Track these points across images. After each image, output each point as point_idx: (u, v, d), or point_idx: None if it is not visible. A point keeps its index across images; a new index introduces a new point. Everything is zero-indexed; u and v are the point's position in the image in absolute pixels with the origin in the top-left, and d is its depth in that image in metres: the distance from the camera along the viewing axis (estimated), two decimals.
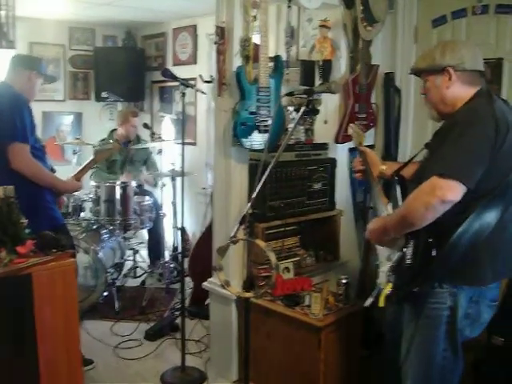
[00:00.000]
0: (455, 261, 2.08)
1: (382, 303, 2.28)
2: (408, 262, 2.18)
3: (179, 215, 3.62)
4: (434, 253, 2.07)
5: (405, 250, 2.20)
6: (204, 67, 5.65)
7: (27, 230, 2.29)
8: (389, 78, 3.95)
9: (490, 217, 2.09)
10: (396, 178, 2.45)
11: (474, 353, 2.77)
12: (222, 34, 3.15)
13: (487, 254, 2.15)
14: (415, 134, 4.00)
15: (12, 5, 2.41)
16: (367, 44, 3.76)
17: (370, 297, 2.37)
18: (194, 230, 5.86)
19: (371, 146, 4.13)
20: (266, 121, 3.15)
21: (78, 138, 5.32)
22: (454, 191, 1.97)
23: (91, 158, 3.70)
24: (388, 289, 2.26)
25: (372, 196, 2.62)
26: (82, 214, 4.94)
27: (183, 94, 3.32)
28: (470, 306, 2.20)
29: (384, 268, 2.32)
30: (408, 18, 3.93)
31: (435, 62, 2.21)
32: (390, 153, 4.04)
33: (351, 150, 3.96)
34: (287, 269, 3.40)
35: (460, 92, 2.20)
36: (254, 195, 2.54)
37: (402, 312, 2.38)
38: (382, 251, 2.38)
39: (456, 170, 1.99)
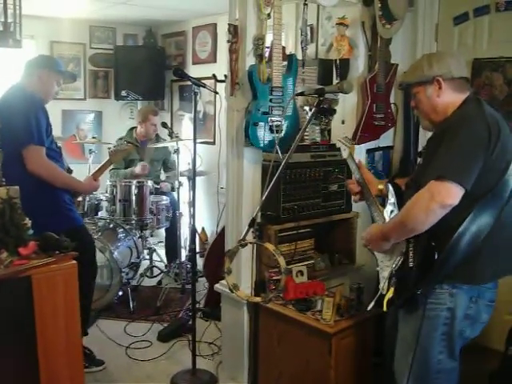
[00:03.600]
0: (457, 260, 2.10)
1: (385, 308, 2.29)
2: (410, 265, 2.20)
3: (194, 216, 3.56)
4: (436, 255, 2.09)
5: (406, 253, 2.22)
6: (223, 66, 5.49)
7: (30, 231, 2.26)
8: None
9: (488, 217, 2.11)
10: (390, 186, 2.46)
11: (490, 364, 2.70)
12: (235, 32, 3.09)
13: (487, 253, 2.16)
14: None
15: (19, 4, 2.38)
16: (386, 42, 3.67)
17: (372, 301, 2.38)
18: (212, 230, 5.83)
19: (390, 147, 4.06)
20: (279, 121, 3.08)
21: (94, 137, 5.33)
22: (452, 195, 2.02)
23: (106, 159, 3.69)
24: (390, 293, 2.27)
25: (369, 205, 2.58)
26: (99, 214, 4.95)
27: (195, 94, 3.26)
28: (470, 306, 2.21)
29: (385, 273, 2.33)
30: (429, 16, 3.83)
31: (424, 73, 2.28)
32: (408, 154, 3.95)
33: (369, 151, 3.88)
34: (301, 272, 3.32)
35: (450, 99, 2.26)
36: (263, 197, 2.49)
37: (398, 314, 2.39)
38: (381, 257, 2.38)
39: (453, 171, 2.03)
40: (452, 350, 2.23)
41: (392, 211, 2.40)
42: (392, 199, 2.41)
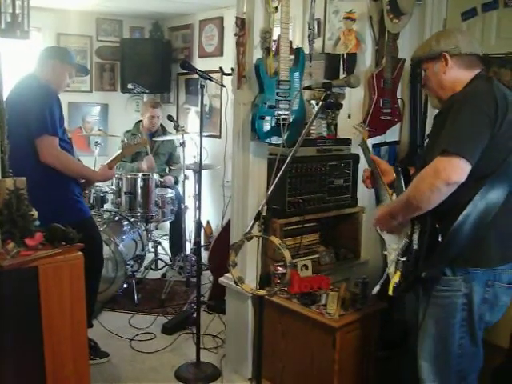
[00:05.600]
0: (462, 243, 2.07)
1: (390, 291, 2.28)
2: (415, 247, 2.18)
3: (199, 208, 3.56)
4: (440, 238, 2.07)
5: (411, 235, 2.20)
6: (230, 59, 5.53)
7: (37, 223, 2.26)
8: (415, 72, 3.83)
9: (496, 196, 2.07)
10: (399, 169, 2.45)
11: (494, 360, 2.69)
12: (242, 25, 3.08)
13: (494, 234, 2.13)
14: None
15: None
16: (394, 37, 3.66)
17: (378, 284, 2.39)
18: (217, 224, 5.83)
19: (396, 142, 4.05)
20: (285, 115, 3.07)
21: (100, 130, 5.34)
22: (458, 171, 1.97)
23: (119, 151, 3.68)
24: (397, 277, 2.25)
25: (378, 188, 2.61)
26: (105, 206, 4.97)
27: (202, 87, 3.26)
28: (487, 290, 2.17)
29: (392, 257, 2.32)
30: (437, 11, 3.80)
31: (431, 48, 2.27)
32: (415, 149, 3.94)
33: (375, 146, 3.87)
34: (305, 266, 3.33)
35: (458, 76, 2.23)
36: (269, 191, 2.49)
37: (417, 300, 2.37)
38: (389, 240, 2.37)
39: (457, 145, 1.99)
40: (473, 335, 2.20)
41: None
42: (401, 182, 2.40)
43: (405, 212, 2.17)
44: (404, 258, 2.24)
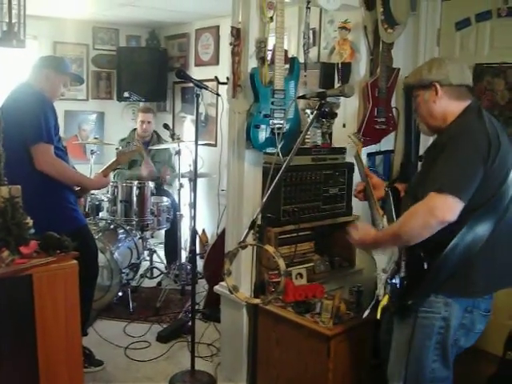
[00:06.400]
0: (448, 273, 2.10)
1: (378, 315, 2.33)
2: (402, 274, 2.22)
3: (195, 217, 3.57)
4: (425, 266, 2.10)
5: (398, 262, 2.24)
6: (226, 68, 5.54)
7: (31, 231, 2.27)
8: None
9: (483, 230, 2.10)
10: (389, 192, 2.49)
11: (488, 368, 2.70)
12: (237, 34, 3.10)
13: (480, 266, 2.16)
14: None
15: (24, 4, 2.40)
16: (388, 47, 3.68)
17: (367, 308, 2.38)
18: (213, 232, 5.83)
19: (391, 151, 4.07)
20: (280, 124, 3.09)
21: (96, 138, 5.34)
22: (452, 210, 2.01)
23: (114, 159, 3.69)
24: (385, 300, 2.29)
25: (369, 206, 2.64)
26: (100, 214, 4.96)
27: (197, 95, 3.28)
28: (465, 316, 2.20)
29: (382, 279, 2.35)
30: (431, 21, 3.84)
31: (422, 77, 2.29)
32: (409, 158, 3.96)
33: (370, 155, 3.89)
34: (300, 275, 3.33)
35: (448, 106, 2.25)
36: (264, 200, 2.50)
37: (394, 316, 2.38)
38: (379, 260, 2.39)
39: (452, 185, 2.02)
40: (446, 358, 2.23)
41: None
42: (390, 205, 2.42)
43: (391, 243, 2.23)
44: (393, 281, 2.28)
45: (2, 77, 5.42)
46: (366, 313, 2.42)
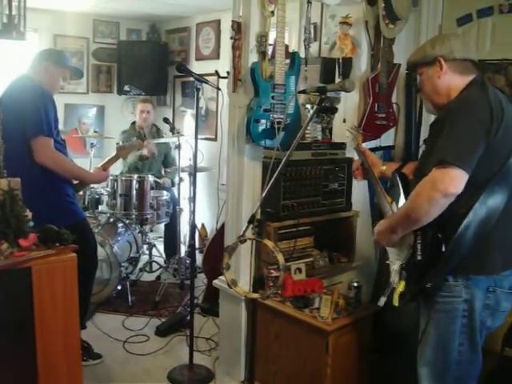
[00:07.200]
0: (465, 252, 2.06)
1: (396, 302, 2.26)
2: (418, 258, 2.16)
3: (194, 211, 3.57)
4: (443, 248, 2.05)
5: (414, 246, 2.18)
6: (226, 63, 5.52)
7: (30, 223, 2.26)
8: (411, 77, 3.84)
9: (496, 202, 2.07)
10: (397, 176, 2.45)
11: (487, 364, 2.70)
12: (238, 29, 3.09)
13: (496, 241, 2.13)
14: None
15: None
16: (389, 42, 3.66)
17: (383, 296, 2.35)
18: (212, 227, 5.84)
19: (391, 147, 4.07)
20: (280, 118, 3.08)
21: (96, 132, 5.34)
22: (455, 182, 1.96)
23: (113, 154, 3.69)
24: (401, 287, 2.24)
25: (376, 196, 2.61)
26: (100, 208, 4.96)
27: (197, 89, 3.27)
28: (488, 296, 2.17)
29: (395, 266, 2.31)
30: (432, 16, 3.82)
31: (426, 53, 2.27)
32: (410, 154, 3.95)
33: (370, 151, 3.88)
34: (299, 269, 3.33)
35: (452, 81, 2.23)
36: (263, 194, 2.50)
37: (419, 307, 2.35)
38: (392, 249, 2.35)
39: (453, 155, 1.98)
40: (473, 341, 2.19)
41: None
42: (399, 190, 2.39)
43: (404, 225, 2.17)
44: (408, 268, 2.23)
45: (2, 69, 5.41)
46: (383, 301, 2.37)
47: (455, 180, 1.96)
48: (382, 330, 3.17)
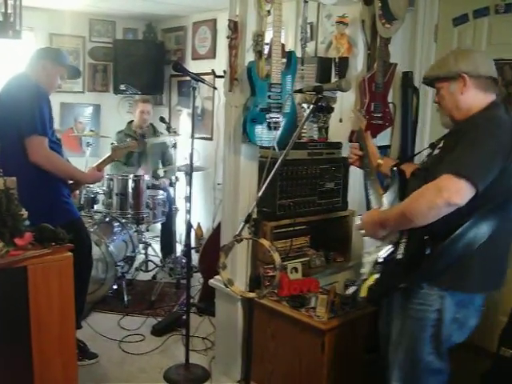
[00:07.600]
0: (446, 263, 2.07)
1: (363, 293, 2.29)
2: (399, 256, 2.16)
3: (190, 211, 3.57)
4: (427, 251, 2.06)
5: (397, 244, 2.19)
6: (223, 62, 5.52)
7: (26, 222, 2.26)
8: (407, 77, 3.84)
9: (486, 228, 2.07)
10: (397, 172, 2.43)
11: (482, 364, 2.71)
12: (234, 28, 3.08)
13: (477, 264, 2.13)
14: (432, 134, 3.89)
15: None
16: (385, 42, 3.66)
17: (353, 286, 2.36)
18: (208, 226, 5.84)
19: (387, 146, 4.07)
20: (276, 118, 3.08)
21: (92, 131, 5.33)
22: (461, 194, 1.95)
23: (108, 154, 3.68)
24: (371, 280, 2.26)
25: (368, 184, 2.58)
26: (96, 207, 4.96)
27: (193, 89, 3.27)
28: (459, 310, 2.19)
29: (370, 258, 2.32)
30: (428, 16, 3.82)
31: (450, 68, 2.22)
32: (406, 153, 3.95)
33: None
34: (295, 269, 3.33)
35: (474, 98, 2.21)
36: (259, 194, 2.50)
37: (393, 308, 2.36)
38: (372, 241, 2.35)
39: (469, 169, 1.97)
40: (440, 351, 2.23)
41: (394, 198, 2.36)
42: (396, 186, 2.39)
43: (397, 223, 2.16)
44: (385, 264, 2.24)
45: None
46: (351, 290, 2.38)
47: (462, 191, 1.95)
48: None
